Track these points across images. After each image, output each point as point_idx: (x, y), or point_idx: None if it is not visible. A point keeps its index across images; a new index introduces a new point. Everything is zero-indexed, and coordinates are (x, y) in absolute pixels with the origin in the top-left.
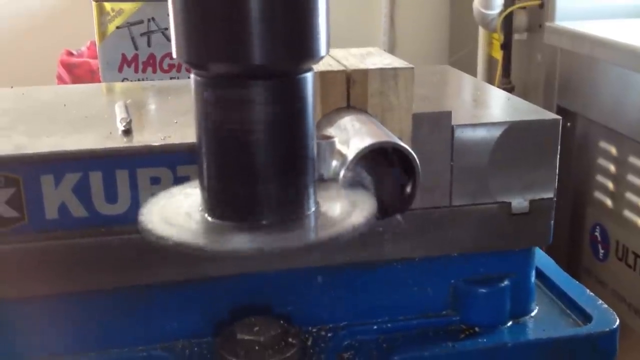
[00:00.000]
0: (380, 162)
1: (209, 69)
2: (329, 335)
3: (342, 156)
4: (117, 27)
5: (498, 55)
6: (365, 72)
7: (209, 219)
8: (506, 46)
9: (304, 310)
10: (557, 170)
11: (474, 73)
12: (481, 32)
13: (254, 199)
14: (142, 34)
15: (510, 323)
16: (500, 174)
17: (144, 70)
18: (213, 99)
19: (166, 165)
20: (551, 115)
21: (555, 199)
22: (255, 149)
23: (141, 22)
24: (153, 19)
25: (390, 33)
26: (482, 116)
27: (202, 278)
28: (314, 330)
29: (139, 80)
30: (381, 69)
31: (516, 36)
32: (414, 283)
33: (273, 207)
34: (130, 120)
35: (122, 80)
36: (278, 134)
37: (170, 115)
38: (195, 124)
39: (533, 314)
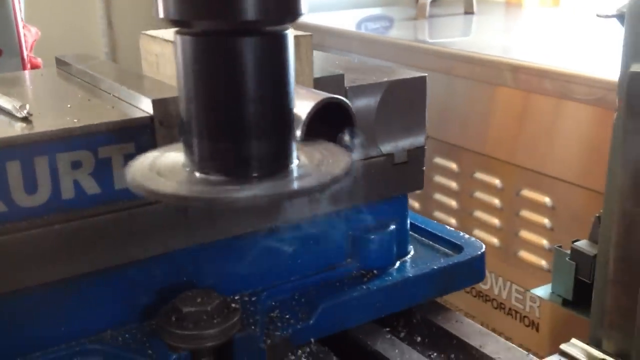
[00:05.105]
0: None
1: (199, 26)
2: (253, 299)
3: (296, 117)
4: None
5: None
6: None
7: (198, 175)
8: None
9: (224, 281)
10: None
11: None
12: None
13: (243, 153)
14: None
15: (398, 263)
16: (384, 128)
17: None
18: (202, 57)
19: (86, 147)
20: (419, 73)
21: (425, 147)
22: (243, 104)
23: None
24: None
25: (109, 35)
26: (361, 79)
27: (122, 264)
28: (237, 297)
29: None
30: None
31: None
32: (318, 239)
33: (262, 160)
34: (28, 107)
35: None
36: (266, 89)
37: (48, 101)
38: (179, 83)
39: (412, 253)
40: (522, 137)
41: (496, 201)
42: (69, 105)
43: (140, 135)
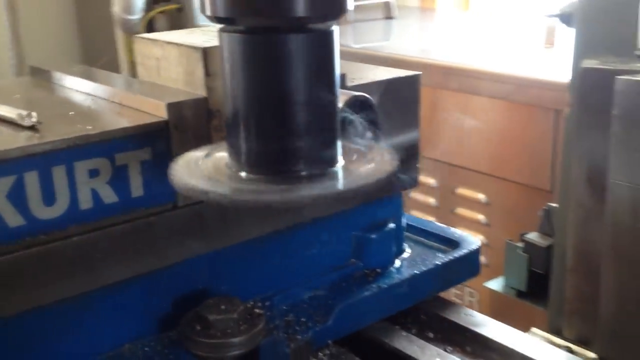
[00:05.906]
0: None
1: (246, 23)
2: (267, 304)
3: None
4: None
5: None
6: None
7: (244, 174)
8: None
9: (237, 287)
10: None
11: None
12: (121, 38)
13: (291, 153)
14: None
15: (398, 262)
16: (383, 125)
17: None
18: (248, 56)
19: (104, 155)
20: (413, 73)
21: (419, 142)
22: (291, 102)
23: None
24: None
25: (16, 48)
26: (358, 78)
27: (140, 274)
28: (251, 303)
29: None
30: None
31: None
32: (324, 241)
33: (309, 160)
34: (35, 115)
35: None
36: (313, 86)
37: (45, 109)
38: (225, 83)
39: (408, 251)
40: (454, 136)
41: (432, 200)
42: (71, 113)
43: (156, 140)
